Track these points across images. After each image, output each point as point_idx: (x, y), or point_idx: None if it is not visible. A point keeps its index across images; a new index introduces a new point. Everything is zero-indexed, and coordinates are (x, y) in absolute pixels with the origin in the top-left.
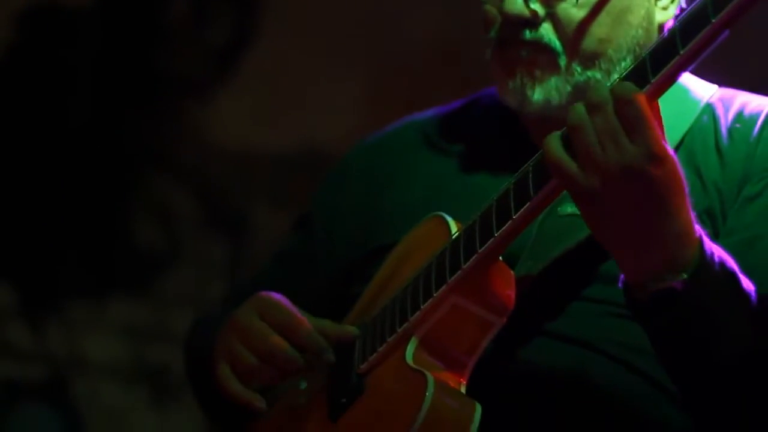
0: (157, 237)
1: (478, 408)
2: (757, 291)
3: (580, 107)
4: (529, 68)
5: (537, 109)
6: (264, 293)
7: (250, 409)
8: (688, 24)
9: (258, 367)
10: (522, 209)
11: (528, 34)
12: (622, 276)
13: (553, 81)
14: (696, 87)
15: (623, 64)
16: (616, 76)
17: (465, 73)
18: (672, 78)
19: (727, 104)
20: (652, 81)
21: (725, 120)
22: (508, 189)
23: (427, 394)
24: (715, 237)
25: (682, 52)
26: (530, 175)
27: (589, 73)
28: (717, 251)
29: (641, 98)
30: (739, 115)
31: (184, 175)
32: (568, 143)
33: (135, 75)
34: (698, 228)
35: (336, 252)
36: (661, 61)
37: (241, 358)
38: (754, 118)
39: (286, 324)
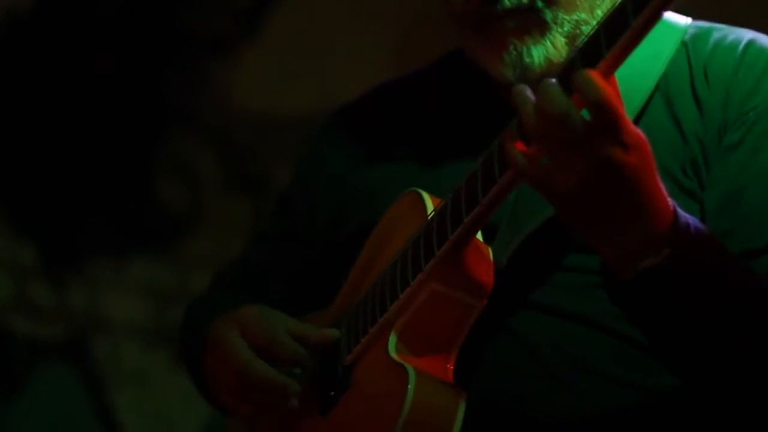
0: (180, 197)
1: (463, 396)
2: (744, 246)
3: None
4: (520, 35)
5: (540, 72)
6: (246, 307)
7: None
8: None
9: (240, 389)
10: (489, 193)
11: (507, 2)
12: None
13: (548, 39)
14: (668, 23)
15: None
16: (599, 11)
17: None
18: (627, 51)
19: (701, 41)
20: (606, 56)
21: (700, 61)
22: (475, 172)
23: (408, 387)
24: (701, 188)
25: (634, 25)
26: (495, 156)
27: (574, 17)
28: (692, 220)
29: (607, 88)
30: (714, 53)
31: (208, 135)
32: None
33: (160, 34)
34: (671, 201)
35: (318, 231)
36: (614, 34)
37: (224, 381)
38: (729, 56)
39: (265, 339)
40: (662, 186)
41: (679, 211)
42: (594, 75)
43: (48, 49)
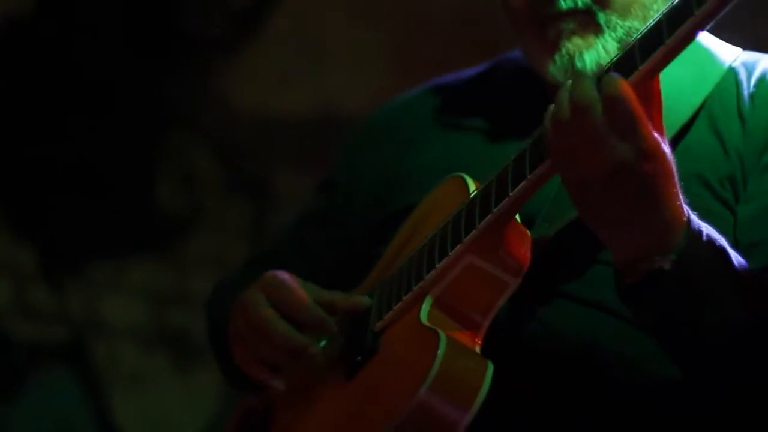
0: (179, 199)
1: (490, 366)
2: None
3: (566, 107)
4: (573, 38)
5: None
6: (271, 273)
7: (269, 387)
8: (674, 12)
9: (261, 348)
10: (537, 169)
11: (563, 4)
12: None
13: (600, 43)
14: (719, 50)
15: (655, 6)
16: (651, 21)
17: (487, 36)
18: (661, 64)
19: (750, 68)
20: (640, 68)
21: (747, 85)
22: (524, 150)
23: (438, 351)
24: (735, 200)
25: (667, 42)
26: (545, 135)
27: (627, 23)
28: (705, 230)
29: (630, 93)
30: (762, 80)
31: (207, 137)
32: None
33: (160, 36)
34: (686, 209)
35: (356, 214)
36: (648, 48)
37: (245, 340)
38: None
39: (288, 302)
40: (680, 196)
41: (693, 218)
42: (616, 77)
43: (47, 50)
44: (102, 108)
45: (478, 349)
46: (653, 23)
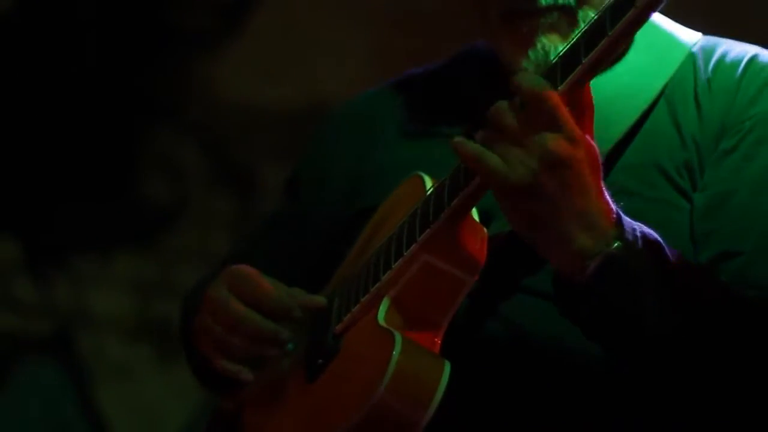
0: (163, 191)
1: (447, 365)
2: (723, 246)
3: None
4: (550, 33)
5: None
6: (234, 267)
7: (237, 381)
8: (615, 7)
9: (229, 339)
10: None
11: (543, 1)
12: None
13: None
14: (679, 35)
15: None
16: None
17: (474, 28)
18: (602, 58)
19: (708, 53)
20: (584, 62)
21: (705, 70)
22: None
23: (394, 353)
24: (693, 189)
25: (610, 34)
26: None
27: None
28: (637, 225)
29: (552, 95)
30: (719, 65)
31: (192, 129)
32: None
33: (144, 28)
34: (615, 208)
35: (324, 209)
36: (592, 42)
37: (213, 332)
38: (734, 67)
39: (253, 293)
40: (606, 194)
41: (622, 214)
42: (528, 72)
43: (31, 44)
44: (87, 100)
45: (437, 348)
46: (597, 17)
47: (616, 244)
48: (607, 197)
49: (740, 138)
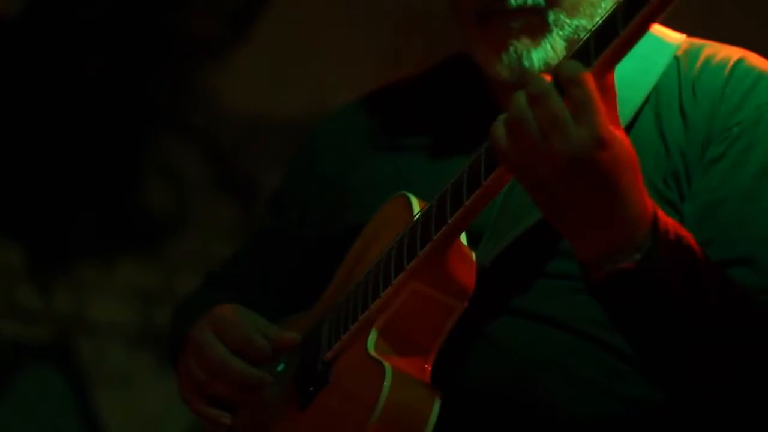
0: (166, 199)
1: (438, 396)
2: (720, 256)
3: (521, 98)
4: (521, 37)
5: None
6: (217, 308)
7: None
8: (629, 4)
9: (212, 385)
10: (473, 195)
11: (513, 2)
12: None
13: (548, 41)
14: (664, 38)
15: (603, 4)
16: (598, 19)
17: None
18: (617, 56)
19: (692, 58)
20: (595, 63)
21: (689, 75)
22: (462, 174)
23: (384, 384)
24: (681, 200)
25: (622, 33)
26: (482, 159)
27: (575, 22)
28: (672, 227)
29: (589, 78)
30: (704, 70)
31: (195, 137)
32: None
33: (149, 36)
34: (651, 204)
35: (309, 231)
36: (604, 40)
37: (195, 377)
38: (718, 72)
39: (236, 338)
40: (642, 188)
41: (660, 214)
42: (574, 62)
43: (36, 50)
44: (90, 107)
45: (427, 375)
46: (608, 15)
47: (637, 257)
48: (643, 201)
49: (728, 145)
